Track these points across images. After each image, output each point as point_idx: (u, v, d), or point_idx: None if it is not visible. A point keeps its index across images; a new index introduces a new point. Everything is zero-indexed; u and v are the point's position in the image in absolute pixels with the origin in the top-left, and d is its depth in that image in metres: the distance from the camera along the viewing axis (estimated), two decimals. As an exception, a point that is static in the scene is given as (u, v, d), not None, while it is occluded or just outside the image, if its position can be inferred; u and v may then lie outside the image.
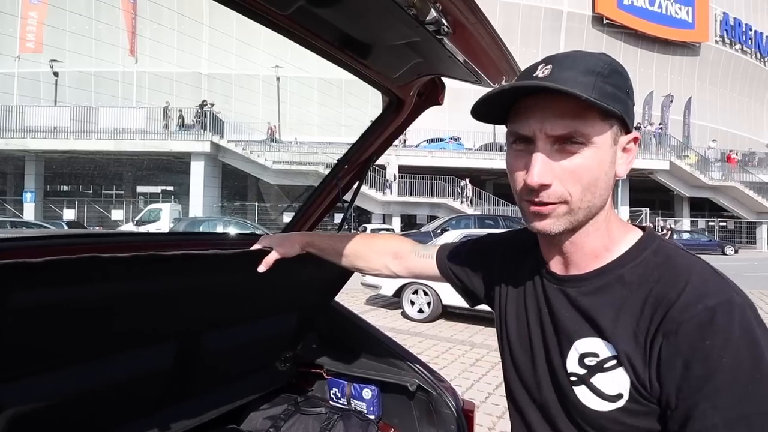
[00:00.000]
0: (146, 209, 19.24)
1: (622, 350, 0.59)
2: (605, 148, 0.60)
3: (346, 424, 1.60)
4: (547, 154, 0.60)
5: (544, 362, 0.68)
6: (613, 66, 0.61)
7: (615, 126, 0.61)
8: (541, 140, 0.60)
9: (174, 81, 24.07)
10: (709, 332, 0.53)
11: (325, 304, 1.73)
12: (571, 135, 0.59)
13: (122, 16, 23.04)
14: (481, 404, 3.64)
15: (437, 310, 6.55)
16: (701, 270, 0.59)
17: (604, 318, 0.62)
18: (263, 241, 1.18)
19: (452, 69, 1.04)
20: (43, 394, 0.96)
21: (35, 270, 0.78)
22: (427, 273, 0.99)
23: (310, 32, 0.91)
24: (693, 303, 0.55)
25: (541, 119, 0.60)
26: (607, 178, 0.62)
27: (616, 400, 0.59)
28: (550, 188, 0.61)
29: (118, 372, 1.11)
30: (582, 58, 0.61)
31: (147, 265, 0.98)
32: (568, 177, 0.60)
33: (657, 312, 0.57)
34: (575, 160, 0.60)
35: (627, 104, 0.61)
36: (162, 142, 20.81)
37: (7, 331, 0.86)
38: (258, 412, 1.66)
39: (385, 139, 1.42)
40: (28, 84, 23.79)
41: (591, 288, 0.65)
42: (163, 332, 1.21)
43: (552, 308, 0.68)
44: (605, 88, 0.58)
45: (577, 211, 0.62)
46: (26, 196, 21.78)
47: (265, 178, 21.87)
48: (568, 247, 0.67)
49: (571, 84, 0.57)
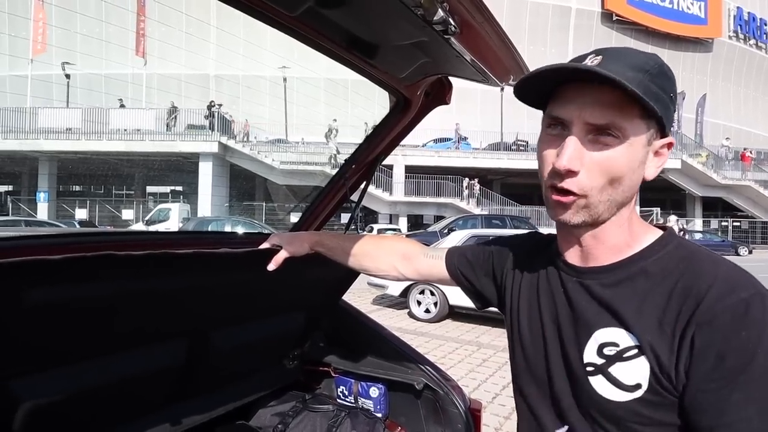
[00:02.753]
0: (156, 209, 19.40)
1: (645, 340, 0.59)
2: (638, 146, 0.61)
3: (354, 421, 1.60)
4: (581, 142, 0.61)
5: (559, 355, 0.68)
6: (663, 68, 0.61)
7: (652, 127, 0.61)
8: (577, 126, 0.60)
9: (182, 82, 24.29)
10: (744, 324, 0.54)
11: (332, 303, 1.74)
12: (608, 126, 0.59)
13: (134, 18, 23.23)
14: (488, 404, 3.64)
15: (444, 310, 6.54)
16: (728, 265, 0.60)
17: (627, 308, 0.62)
18: (272, 239, 1.19)
19: (459, 68, 1.04)
20: (56, 389, 0.98)
21: (53, 267, 0.80)
22: (436, 275, 0.98)
23: (317, 33, 0.92)
24: (726, 294, 0.56)
25: (582, 105, 0.60)
26: (634, 176, 0.62)
27: (633, 390, 0.59)
28: (575, 176, 0.61)
29: (129, 368, 1.12)
30: (633, 55, 0.61)
31: (159, 264, 1.00)
32: (596, 167, 0.60)
33: (687, 303, 0.57)
34: (606, 152, 0.60)
35: (669, 108, 0.61)
36: (171, 142, 20.99)
37: (24, 327, 0.88)
38: (266, 409, 1.67)
39: (392, 139, 1.42)
40: (40, 86, 24.13)
41: (613, 280, 0.65)
42: (173, 330, 1.23)
43: (571, 300, 0.68)
44: (651, 86, 0.58)
45: (597, 204, 0.62)
46: (40, 195, 22.09)
47: (273, 179, 21.97)
48: (588, 241, 0.68)
49: (619, 76, 0.56)
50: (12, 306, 0.84)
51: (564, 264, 0.71)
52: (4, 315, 0.84)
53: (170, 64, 24.06)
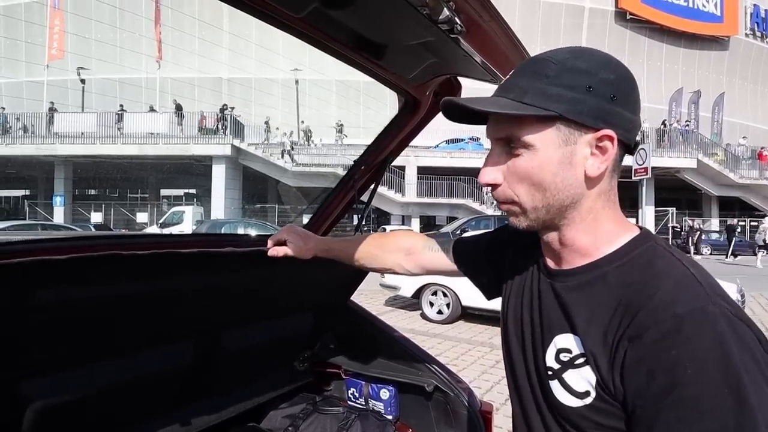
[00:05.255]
0: (170, 212, 19.62)
1: (589, 349, 0.59)
2: (549, 149, 0.60)
3: (364, 424, 1.60)
4: (497, 156, 0.65)
5: (532, 354, 0.69)
6: (567, 64, 0.60)
7: (562, 126, 0.60)
8: (492, 142, 0.66)
9: (195, 86, 24.60)
10: (676, 341, 0.51)
11: (341, 303, 1.74)
12: (508, 138, 0.62)
13: (147, 23, 23.62)
14: (501, 406, 3.60)
15: (456, 311, 6.51)
16: (679, 275, 0.57)
17: (580, 315, 0.62)
18: (283, 233, 1.16)
19: (468, 68, 1.03)
20: (66, 389, 0.99)
21: (59, 267, 0.81)
22: (442, 268, 0.98)
23: (324, 34, 0.92)
24: (661, 309, 0.54)
25: (490, 125, 0.65)
26: (558, 178, 0.61)
27: (584, 397, 0.59)
28: (498, 188, 0.65)
29: (139, 370, 1.13)
30: (540, 62, 0.62)
31: (166, 263, 1.01)
32: (512, 177, 0.64)
33: (626, 315, 0.56)
34: (517, 161, 0.62)
35: (579, 102, 0.58)
36: (184, 145, 21.22)
37: (33, 328, 0.90)
38: (277, 411, 1.68)
39: (401, 140, 1.42)
40: (56, 91, 24.64)
41: (575, 283, 0.65)
42: (183, 331, 1.23)
43: (541, 302, 0.69)
44: (547, 89, 0.59)
45: (532, 210, 0.64)
46: (56, 199, 22.49)
47: (285, 181, 22.11)
48: (554, 244, 0.68)
49: (512, 90, 0.61)
50: (21, 306, 0.86)
51: (543, 264, 0.72)
52: (15, 315, 0.86)
53: (183, 68, 24.39)
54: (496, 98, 0.63)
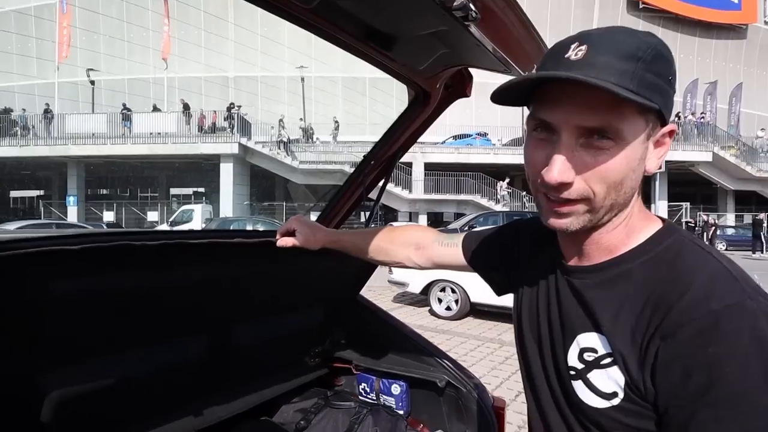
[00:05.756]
0: (179, 210, 19.78)
1: (617, 348, 0.56)
2: (637, 144, 0.55)
3: (376, 418, 1.60)
4: (571, 149, 0.55)
5: (551, 354, 0.67)
6: (657, 49, 0.54)
7: (651, 121, 0.56)
8: (566, 132, 0.55)
9: (202, 85, 24.76)
10: (713, 338, 0.49)
11: (350, 298, 1.73)
12: (602, 129, 0.54)
13: (155, 21, 23.80)
14: (511, 402, 3.59)
15: (465, 307, 6.49)
16: (712, 270, 0.54)
17: (605, 313, 0.59)
18: (292, 222, 1.15)
19: (480, 58, 1.01)
20: (82, 381, 1.00)
21: (73, 258, 0.82)
22: (451, 262, 0.97)
23: (333, 26, 0.91)
24: (695, 306, 0.51)
25: (570, 108, 0.54)
26: (635, 176, 0.58)
27: (611, 398, 0.57)
28: (571, 186, 0.56)
29: (154, 362, 1.14)
30: (623, 39, 0.54)
31: (177, 254, 1.01)
32: (592, 175, 0.56)
33: (656, 313, 0.54)
34: (601, 158, 0.55)
35: (668, 94, 0.55)
36: (192, 145, 21.34)
37: (49, 320, 0.90)
38: (289, 405, 1.68)
39: (411, 135, 1.40)
40: (67, 93, 24.93)
41: (596, 281, 0.62)
42: (195, 325, 1.24)
43: (560, 300, 0.66)
44: (646, 77, 0.52)
45: (599, 209, 0.58)
46: (69, 199, 22.77)
47: (293, 179, 22.17)
48: (584, 240, 0.64)
49: (608, 72, 0.52)
50: (37, 298, 0.86)
51: (561, 260, 0.69)
52: (31, 307, 0.86)
53: (190, 67, 24.55)
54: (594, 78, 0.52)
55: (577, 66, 0.53)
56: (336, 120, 23.55)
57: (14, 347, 0.89)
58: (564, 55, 0.56)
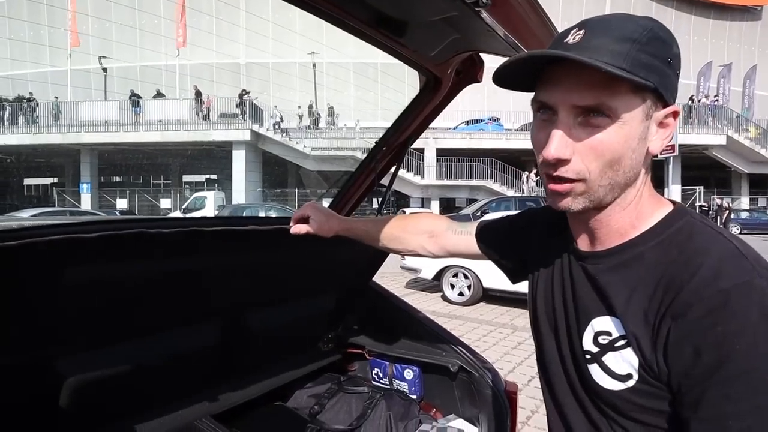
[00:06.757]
0: (192, 197, 19.97)
1: (630, 330, 0.57)
2: (634, 123, 0.57)
3: (389, 403, 1.62)
4: (568, 127, 0.57)
5: (567, 339, 0.68)
6: (653, 32, 0.56)
7: (649, 99, 0.57)
8: (564, 111, 0.57)
9: (214, 72, 24.77)
10: (722, 317, 0.50)
11: (363, 283, 1.75)
12: (597, 107, 0.56)
13: (167, 8, 23.77)
14: (524, 387, 3.61)
15: (478, 293, 6.50)
16: (722, 250, 0.55)
17: (618, 296, 0.60)
18: (306, 209, 1.14)
19: (491, 44, 1.00)
20: (99, 366, 1.03)
21: (89, 246, 0.83)
22: (465, 251, 0.97)
23: (344, 12, 0.91)
24: (705, 285, 0.52)
25: (567, 88, 0.57)
26: (634, 155, 0.58)
27: (626, 380, 0.58)
28: (568, 163, 0.58)
29: (169, 348, 1.17)
30: (619, 23, 0.57)
31: (191, 241, 1.03)
32: (589, 152, 0.57)
33: (668, 293, 0.54)
34: (598, 135, 0.56)
35: (666, 75, 0.56)
36: (205, 132, 21.46)
37: (66, 307, 0.93)
38: (303, 390, 1.71)
39: (422, 120, 1.40)
40: (79, 80, 25.12)
41: (609, 265, 0.63)
42: (210, 311, 1.26)
43: (574, 286, 0.67)
44: (640, 57, 0.54)
45: (597, 189, 0.59)
46: (83, 187, 23.10)
47: (305, 165, 22.21)
48: (593, 224, 0.65)
49: (602, 53, 0.53)
50: (54, 285, 0.89)
51: (574, 246, 0.70)
52: (49, 294, 0.89)
53: (202, 54, 24.55)
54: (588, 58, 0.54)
55: (574, 48, 0.56)
56: (330, 106, 23.53)
57: (33, 334, 0.92)
58: (564, 40, 0.58)
